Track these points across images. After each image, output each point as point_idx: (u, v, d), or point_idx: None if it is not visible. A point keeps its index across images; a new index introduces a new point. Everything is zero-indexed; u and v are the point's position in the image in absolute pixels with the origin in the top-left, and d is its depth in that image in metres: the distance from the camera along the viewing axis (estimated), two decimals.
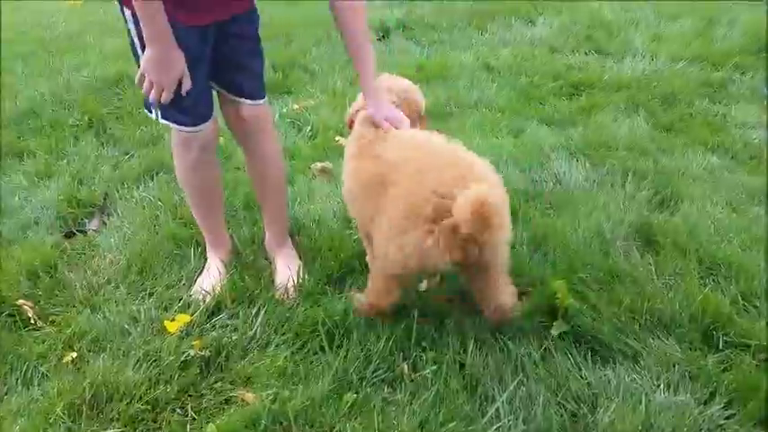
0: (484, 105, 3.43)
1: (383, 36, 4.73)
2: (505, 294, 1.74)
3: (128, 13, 1.72)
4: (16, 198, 2.56)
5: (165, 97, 1.72)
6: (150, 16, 1.62)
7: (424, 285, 2.02)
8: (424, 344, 1.78)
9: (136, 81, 1.74)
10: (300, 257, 2.18)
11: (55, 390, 1.65)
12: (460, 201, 1.42)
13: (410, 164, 1.64)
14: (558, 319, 1.85)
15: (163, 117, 1.87)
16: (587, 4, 5.54)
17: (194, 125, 1.89)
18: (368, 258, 2.01)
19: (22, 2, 5.92)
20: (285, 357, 1.75)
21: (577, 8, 5.41)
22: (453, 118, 3.26)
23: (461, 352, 1.75)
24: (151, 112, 1.87)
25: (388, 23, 4.90)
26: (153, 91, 1.72)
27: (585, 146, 2.90)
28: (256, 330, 1.87)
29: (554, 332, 1.82)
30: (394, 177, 1.64)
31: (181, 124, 1.89)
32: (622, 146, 2.90)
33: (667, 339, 1.76)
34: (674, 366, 1.67)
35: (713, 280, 2.00)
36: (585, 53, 4.29)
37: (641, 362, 1.71)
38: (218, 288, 2.02)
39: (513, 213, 2.34)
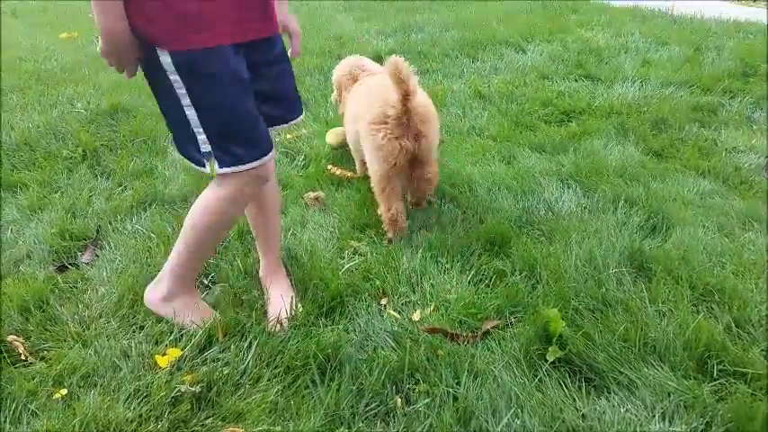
0: (476, 133, 3.46)
1: None
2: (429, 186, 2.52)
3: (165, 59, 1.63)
4: (9, 232, 2.55)
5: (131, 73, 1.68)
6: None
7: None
8: (416, 376, 1.77)
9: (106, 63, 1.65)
10: (293, 288, 2.18)
11: (44, 429, 1.63)
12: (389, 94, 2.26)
13: (370, 96, 2.49)
14: (552, 346, 1.84)
15: (224, 166, 1.74)
16: (578, 31, 5.63)
17: (266, 153, 1.80)
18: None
19: (16, 34, 5.97)
20: (276, 392, 1.73)
21: (568, 35, 5.49)
22: (445, 146, 3.28)
23: (455, 384, 1.74)
24: (204, 166, 1.75)
25: (381, 52, 4.96)
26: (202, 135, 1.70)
27: (577, 172, 2.92)
28: (248, 364, 1.85)
29: (549, 358, 1.81)
30: (364, 107, 2.47)
31: (250, 161, 1.76)
32: (613, 172, 2.92)
33: (662, 368, 1.75)
34: (668, 396, 1.66)
35: (706, 307, 2.00)
36: (576, 79, 4.34)
37: (636, 392, 1.69)
38: (210, 321, 2.01)
39: (506, 241, 2.37)
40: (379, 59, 4.82)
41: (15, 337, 1.98)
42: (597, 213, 2.58)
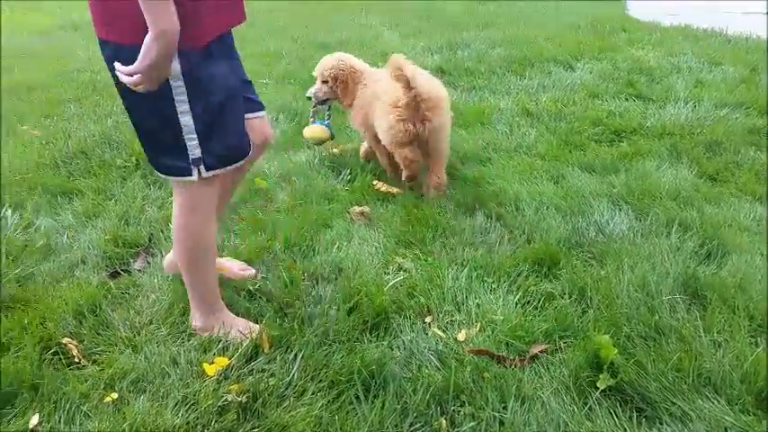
0: (523, 151, 3.43)
1: None
2: (441, 175, 2.92)
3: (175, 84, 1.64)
4: (65, 237, 2.63)
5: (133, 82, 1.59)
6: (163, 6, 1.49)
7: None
8: (462, 398, 1.75)
9: (130, 83, 1.58)
10: None
11: (95, 431, 1.67)
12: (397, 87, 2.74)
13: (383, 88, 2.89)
14: (603, 373, 1.80)
15: (211, 168, 1.79)
16: (628, 50, 5.55)
17: (247, 152, 1.90)
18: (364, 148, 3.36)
19: (75, 46, 6.21)
20: (321, 406, 1.74)
21: (618, 54, 5.42)
22: (492, 163, 3.26)
23: (501, 408, 1.71)
24: (191, 174, 1.77)
25: (428, 69, 4.97)
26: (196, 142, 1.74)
27: (628, 194, 2.86)
28: (293, 377, 1.86)
29: (600, 386, 1.77)
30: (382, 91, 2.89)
31: (233, 162, 1.84)
32: (666, 194, 2.85)
33: (718, 401, 1.69)
34: (725, 431, 1.60)
35: (766, 339, 1.92)
36: (626, 99, 4.27)
37: (690, 424, 1.64)
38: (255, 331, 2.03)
39: (555, 263, 2.33)
40: None
41: (70, 339, 2.04)
42: (650, 237, 2.52)
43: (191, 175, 1.79)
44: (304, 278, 2.33)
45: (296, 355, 1.93)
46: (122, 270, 2.42)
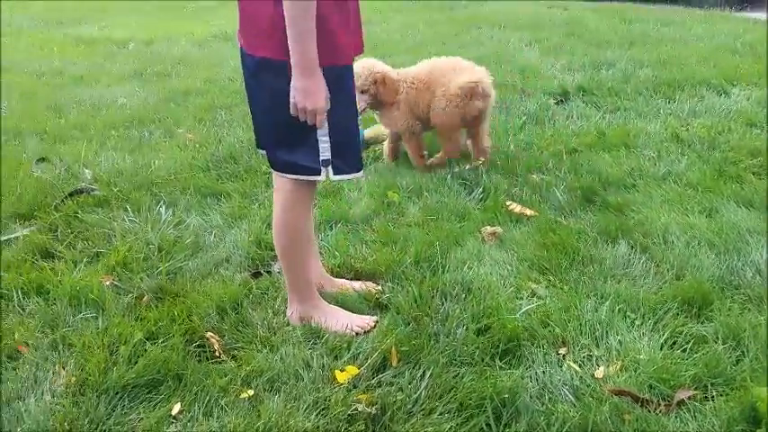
0: (672, 179, 3.20)
1: (561, 100, 4.65)
2: (486, 142, 3.52)
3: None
4: (212, 236, 2.81)
5: (321, 121, 1.87)
6: (310, 41, 1.76)
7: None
8: None
9: (293, 113, 1.87)
10: None
11: (231, 425, 1.75)
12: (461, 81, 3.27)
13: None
14: (761, 429, 1.62)
15: (338, 173, 2.00)
16: None
17: (362, 167, 2.10)
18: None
19: (227, 56, 6.65)
20: (450, 428, 1.71)
21: None
22: (637, 190, 3.08)
23: None
24: (319, 174, 1.98)
25: (568, 87, 4.82)
26: (326, 140, 1.93)
27: None
28: (420, 394, 1.85)
29: None
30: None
31: (357, 171, 2.06)
32: None
33: None
34: None
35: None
36: None
37: None
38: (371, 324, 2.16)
39: (707, 303, 2.15)
40: (565, 95, 4.73)
41: (212, 334, 2.16)
42: None
43: (318, 174, 1.98)
44: (433, 295, 2.31)
45: (424, 372, 1.92)
46: (264, 271, 2.53)
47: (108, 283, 2.44)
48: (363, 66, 3.36)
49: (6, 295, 2.40)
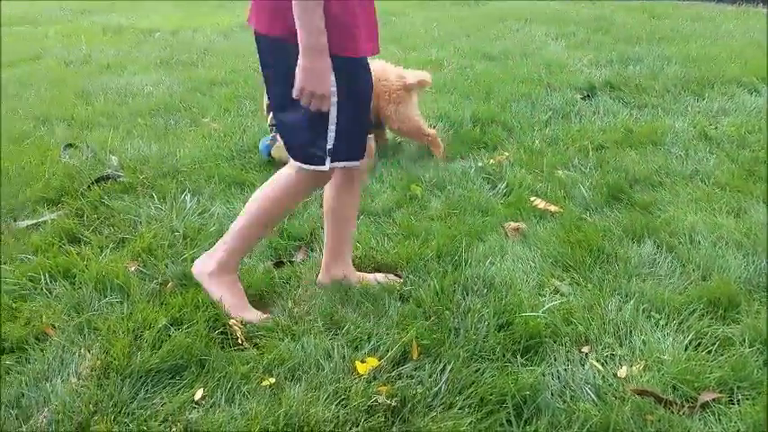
0: (700, 178, 3.15)
1: (588, 95, 4.59)
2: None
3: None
4: None
5: (327, 105, 1.88)
6: (315, 20, 1.77)
7: None
8: None
9: (295, 95, 1.86)
10: None
11: (253, 412, 1.76)
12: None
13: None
14: None
15: (336, 160, 2.01)
16: None
17: (361, 158, 2.12)
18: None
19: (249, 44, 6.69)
20: (470, 423, 1.70)
21: None
22: (664, 188, 3.03)
23: None
24: (324, 163, 1.99)
25: (595, 83, 4.76)
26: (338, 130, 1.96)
27: None
28: (440, 388, 1.85)
29: None
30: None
31: (353, 159, 2.08)
32: None
33: None
34: None
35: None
36: None
37: None
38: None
39: (734, 305, 2.12)
40: (592, 90, 4.67)
41: (235, 321, 2.18)
42: None
43: (323, 164, 2.00)
44: (455, 289, 2.31)
45: (444, 366, 1.92)
46: (287, 261, 2.54)
47: (133, 268, 2.48)
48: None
49: (34, 278, 2.44)
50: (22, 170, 3.43)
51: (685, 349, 1.96)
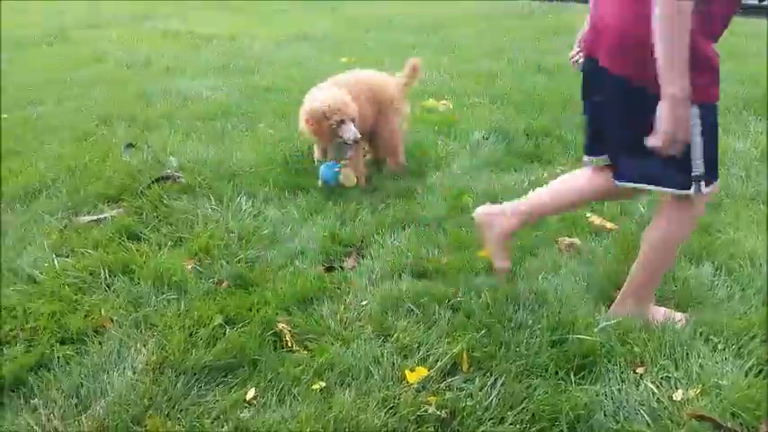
0: (761, 200, 3.05)
1: None
2: None
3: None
4: (289, 229, 2.87)
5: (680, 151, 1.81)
6: (684, 66, 1.70)
7: None
8: None
9: (656, 143, 1.79)
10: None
11: (303, 415, 1.78)
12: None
13: None
14: None
15: (709, 186, 1.94)
16: None
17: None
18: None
19: (304, 54, 6.79)
20: None
21: None
22: (724, 210, 2.95)
23: None
24: (689, 188, 1.92)
25: None
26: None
27: None
28: (491, 402, 1.83)
29: None
30: None
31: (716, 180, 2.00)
32: None
33: None
34: None
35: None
36: None
37: None
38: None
39: None
40: None
41: (285, 324, 2.21)
42: None
43: (687, 188, 1.93)
44: (506, 302, 2.29)
45: (495, 380, 1.90)
46: (337, 266, 2.57)
47: (190, 266, 2.54)
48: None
49: (94, 272, 2.52)
50: (84, 167, 3.56)
51: (745, 375, 1.90)
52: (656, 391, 1.87)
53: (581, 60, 2.18)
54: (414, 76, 3.59)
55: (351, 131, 3.10)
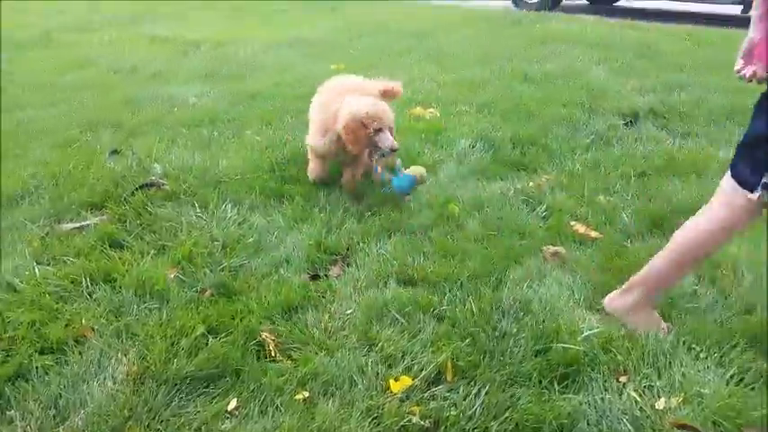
0: None
1: (630, 121, 4.53)
2: None
3: None
4: (274, 237, 2.85)
5: None
6: None
7: None
8: None
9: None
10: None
11: (286, 426, 1.77)
12: None
13: None
14: None
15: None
16: None
17: None
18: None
19: (292, 61, 6.79)
20: None
21: None
22: None
23: None
24: (753, 191, 1.89)
25: (638, 109, 4.70)
26: None
27: None
28: (475, 411, 1.83)
29: None
30: None
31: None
32: None
33: None
34: None
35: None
36: None
37: None
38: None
39: None
40: (635, 116, 4.61)
41: (268, 334, 2.19)
42: None
43: (751, 191, 1.90)
44: (491, 311, 2.28)
45: (479, 390, 1.90)
46: (323, 274, 2.56)
47: (173, 275, 2.52)
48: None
49: (76, 280, 2.49)
50: (68, 174, 3.52)
51: (727, 384, 1.91)
52: (638, 399, 1.87)
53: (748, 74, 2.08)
54: (388, 97, 3.33)
55: (388, 140, 3.03)
